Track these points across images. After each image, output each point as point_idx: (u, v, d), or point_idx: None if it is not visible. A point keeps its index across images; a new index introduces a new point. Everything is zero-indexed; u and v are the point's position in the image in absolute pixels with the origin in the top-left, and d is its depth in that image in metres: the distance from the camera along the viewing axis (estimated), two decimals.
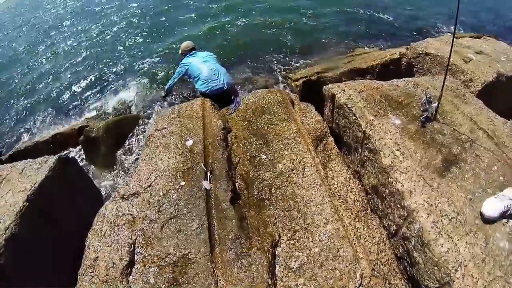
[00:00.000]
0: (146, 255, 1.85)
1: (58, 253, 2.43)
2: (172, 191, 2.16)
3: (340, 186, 2.34)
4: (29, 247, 2.20)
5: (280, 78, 5.78)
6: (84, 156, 4.39)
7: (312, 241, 1.94)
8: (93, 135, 4.35)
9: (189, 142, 2.52)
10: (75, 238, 2.18)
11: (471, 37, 4.52)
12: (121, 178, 4.05)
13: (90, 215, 2.15)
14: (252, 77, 5.99)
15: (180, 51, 4.02)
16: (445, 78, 2.42)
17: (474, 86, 3.21)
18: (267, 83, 5.55)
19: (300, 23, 8.71)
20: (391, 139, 2.29)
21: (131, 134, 4.57)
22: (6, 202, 2.25)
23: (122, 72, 7.20)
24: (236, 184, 2.27)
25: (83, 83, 7.17)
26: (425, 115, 2.44)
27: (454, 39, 2.66)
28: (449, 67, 3.40)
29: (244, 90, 5.27)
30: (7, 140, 5.80)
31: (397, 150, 2.21)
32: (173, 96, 5.50)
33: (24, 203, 2.22)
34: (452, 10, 2.03)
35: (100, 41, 9.70)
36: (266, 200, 2.18)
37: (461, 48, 3.81)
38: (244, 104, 3.05)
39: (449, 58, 2.41)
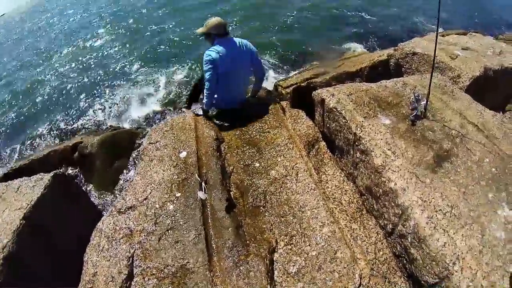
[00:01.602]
0: (145, 267, 1.86)
1: (56, 269, 2.44)
2: (168, 203, 2.18)
3: (334, 189, 2.36)
4: (27, 265, 2.21)
5: (270, 86, 5.84)
6: (79, 172, 4.38)
7: (309, 245, 1.94)
8: (87, 151, 4.35)
9: (183, 154, 2.55)
10: (73, 254, 2.18)
11: (457, 34, 4.62)
12: (117, 192, 4.06)
13: (88, 230, 2.16)
14: None
15: (204, 29, 2.87)
16: (431, 76, 2.46)
17: (462, 82, 3.26)
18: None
19: (288, 29, 8.89)
20: (381, 139, 2.31)
21: (125, 148, 4.58)
22: (3, 220, 2.27)
23: (116, 86, 7.31)
24: (231, 193, 2.29)
25: (76, 99, 7.26)
26: (414, 114, 2.47)
27: (441, 37, 2.73)
28: (437, 64, 3.50)
29: None
30: (1, 159, 5.84)
31: (388, 149, 2.22)
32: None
33: (21, 221, 2.25)
34: (436, 8, 2.08)
35: (94, 54, 9.86)
36: (261, 207, 2.19)
37: (448, 46, 3.88)
38: None
39: (434, 56, 2.45)
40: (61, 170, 3.18)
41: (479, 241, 1.66)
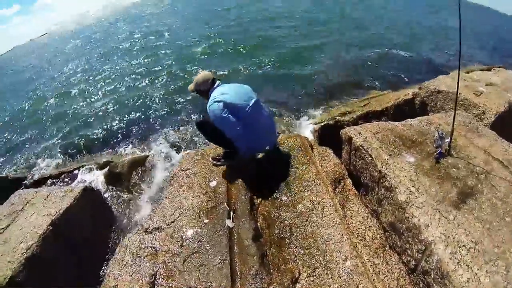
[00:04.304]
0: (167, 286, 1.96)
1: (77, 275, 2.55)
2: (196, 228, 2.33)
3: (359, 224, 2.41)
4: (49, 268, 2.33)
5: (298, 123, 5.99)
6: (107, 188, 4.59)
7: (331, 278, 1.99)
8: (117, 170, 4.67)
9: (213, 183, 2.76)
10: (94, 265, 2.28)
11: (481, 70, 4.63)
12: (142, 212, 4.14)
13: (111, 244, 2.27)
14: None
15: (193, 87, 2.67)
16: (454, 114, 2.52)
17: (487, 118, 3.26)
18: (286, 129, 5.73)
19: (315, 68, 9.11)
20: (405, 176, 2.37)
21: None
22: (30, 223, 2.44)
23: (151, 112, 7.64)
24: (258, 223, 2.41)
25: (110, 120, 7.67)
26: (438, 151, 2.52)
27: (465, 74, 2.79)
28: (461, 102, 3.54)
29: None
30: (33, 166, 6.11)
31: (412, 186, 2.27)
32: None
33: (48, 227, 2.41)
34: (464, 45, 2.16)
35: (131, 79, 10.67)
36: (286, 239, 2.29)
37: (472, 82, 3.92)
38: None
39: (456, 94, 2.54)
40: (90, 185, 3.41)
41: (504, 277, 1.64)
